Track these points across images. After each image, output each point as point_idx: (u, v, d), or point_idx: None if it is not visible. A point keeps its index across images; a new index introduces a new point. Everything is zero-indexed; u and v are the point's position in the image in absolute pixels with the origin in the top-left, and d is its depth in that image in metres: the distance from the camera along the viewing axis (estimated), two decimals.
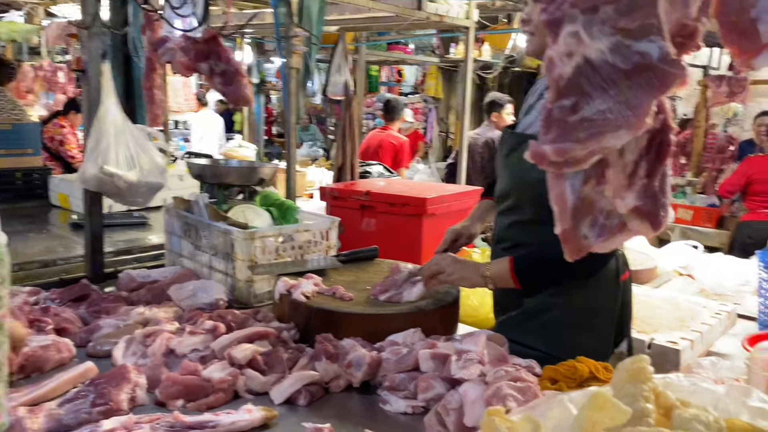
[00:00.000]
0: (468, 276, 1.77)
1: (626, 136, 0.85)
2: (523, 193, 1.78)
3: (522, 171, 1.70)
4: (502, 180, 1.91)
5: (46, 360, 1.58)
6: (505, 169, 1.86)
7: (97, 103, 2.17)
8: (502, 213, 1.91)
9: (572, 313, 1.75)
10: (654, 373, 0.81)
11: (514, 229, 1.84)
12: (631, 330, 1.94)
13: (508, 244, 1.85)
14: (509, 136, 1.90)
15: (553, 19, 0.88)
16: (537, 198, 1.63)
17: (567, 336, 1.75)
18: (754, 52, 0.82)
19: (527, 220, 1.79)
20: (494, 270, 1.74)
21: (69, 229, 3.40)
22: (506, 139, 1.91)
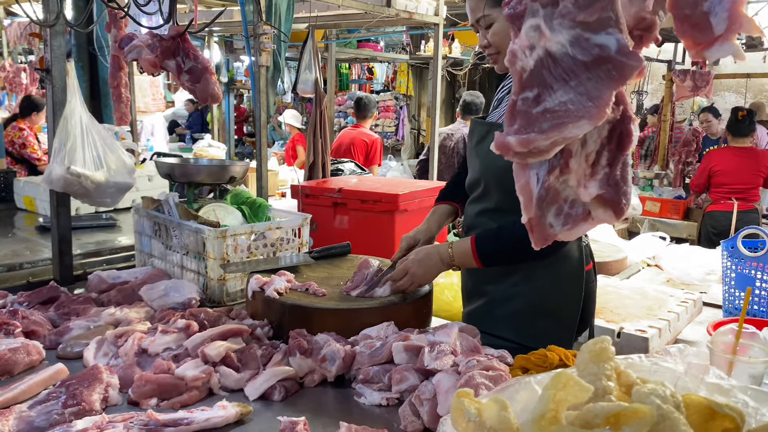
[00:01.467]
0: (431, 268, 1.82)
1: (587, 126, 0.87)
2: (492, 181, 1.83)
3: (490, 159, 1.75)
4: (472, 169, 1.94)
5: (15, 363, 1.56)
6: (475, 158, 1.90)
7: (63, 102, 2.14)
8: (471, 202, 1.95)
9: (537, 301, 1.81)
10: (614, 352, 0.83)
11: (483, 216, 1.88)
12: (594, 320, 1.99)
13: (476, 231, 1.88)
14: (478, 125, 1.94)
15: (515, 13, 0.91)
16: (504, 186, 1.73)
17: (532, 324, 1.81)
18: (707, 44, 0.85)
19: (495, 208, 1.84)
20: (456, 249, 1.79)
21: (35, 232, 3.34)
22: (475, 129, 1.95)
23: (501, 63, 1.79)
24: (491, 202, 1.86)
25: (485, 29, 1.78)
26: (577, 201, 0.97)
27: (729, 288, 2.67)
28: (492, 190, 1.85)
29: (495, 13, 1.73)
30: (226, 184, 2.46)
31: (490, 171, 1.82)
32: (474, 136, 1.93)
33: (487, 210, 1.87)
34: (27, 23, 8.25)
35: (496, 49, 1.78)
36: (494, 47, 1.78)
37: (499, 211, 1.83)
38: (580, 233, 1.01)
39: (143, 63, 1.90)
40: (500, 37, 1.75)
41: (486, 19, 1.76)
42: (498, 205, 1.83)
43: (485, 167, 1.84)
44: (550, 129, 0.87)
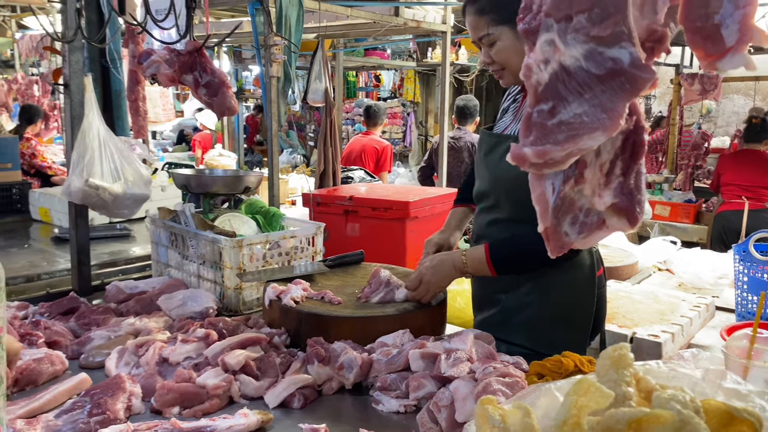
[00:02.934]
0: (445, 275, 1.83)
1: (602, 137, 0.89)
2: (502, 192, 1.84)
3: (501, 170, 1.78)
4: (481, 180, 1.95)
5: (39, 373, 1.59)
6: (485, 168, 1.91)
7: (80, 116, 2.18)
8: (481, 211, 1.97)
9: (551, 308, 1.82)
10: (634, 359, 0.85)
11: (493, 226, 1.89)
12: (604, 325, 2.00)
13: (487, 240, 1.89)
14: (487, 136, 1.95)
15: (530, 28, 0.93)
16: (515, 196, 1.76)
17: (546, 331, 1.82)
18: (719, 56, 0.87)
19: (506, 218, 1.85)
20: (470, 256, 1.80)
21: (51, 242, 3.39)
22: (484, 139, 1.96)
23: (507, 78, 1.81)
24: (502, 212, 1.87)
25: (488, 47, 1.77)
26: (592, 210, 0.99)
27: (741, 292, 2.67)
28: (502, 201, 1.86)
29: (498, 31, 1.73)
30: (241, 194, 2.49)
31: (500, 181, 1.83)
32: (483, 146, 1.94)
33: (498, 220, 1.88)
34: (39, 36, 8.36)
35: (501, 66, 1.78)
36: (498, 64, 1.78)
37: (510, 221, 1.83)
38: (596, 241, 1.03)
39: (161, 78, 1.94)
40: (505, 55, 1.75)
41: (488, 38, 1.76)
42: (510, 215, 1.84)
43: (495, 178, 1.85)
44: (565, 140, 0.89)
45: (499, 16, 1.71)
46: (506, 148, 1.80)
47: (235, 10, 5.47)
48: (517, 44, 1.70)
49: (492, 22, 1.73)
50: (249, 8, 3.54)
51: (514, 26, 1.68)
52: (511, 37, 1.72)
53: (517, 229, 1.79)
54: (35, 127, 6.26)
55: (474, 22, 1.77)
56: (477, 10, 1.75)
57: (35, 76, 9.11)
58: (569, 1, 0.90)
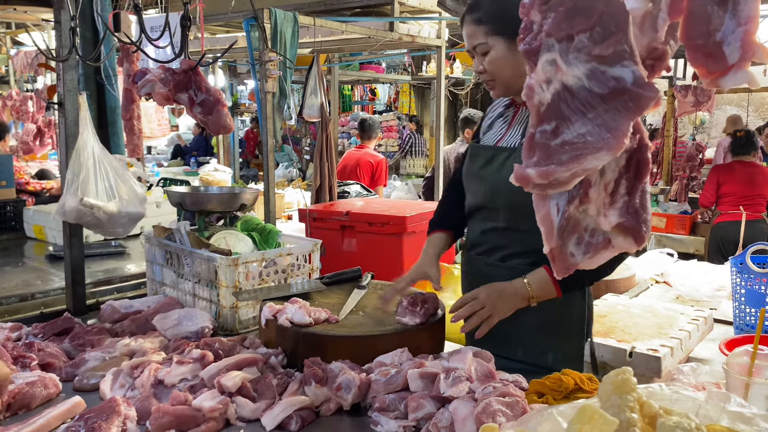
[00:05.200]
0: (511, 304, 1.77)
1: (606, 157, 0.88)
2: (501, 202, 1.86)
3: (501, 181, 1.79)
4: (474, 193, 1.97)
5: (32, 397, 1.56)
6: (480, 181, 1.93)
7: (75, 135, 2.16)
8: (477, 220, 1.99)
9: (543, 319, 1.83)
10: (636, 383, 0.84)
11: (490, 234, 1.92)
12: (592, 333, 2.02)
13: (483, 248, 1.95)
14: (481, 150, 1.96)
15: (531, 48, 0.92)
16: (515, 205, 1.80)
17: (539, 342, 1.85)
18: (721, 73, 0.87)
19: (504, 227, 1.88)
20: (535, 285, 1.77)
21: (45, 261, 3.36)
22: (478, 152, 1.97)
23: (497, 89, 1.86)
24: (500, 221, 1.89)
25: (481, 56, 1.82)
26: (598, 230, 0.98)
27: (739, 304, 2.66)
28: (501, 210, 1.88)
29: (492, 41, 1.78)
30: (237, 211, 2.48)
31: (500, 192, 1.85)
32: (478, 159, 1.95)
33: (496, 228, 1.91)
34: (34, 53, 8.35)
35: (492, 77, 1.83)
36: (489, 74, 1.83)
37: (508, 230, 1.87)
38: (602, 261, 1.02)
39: (156, 97, 1.93)
40: (497, 66, 1.81)
41: (482, 47, 1.80)
42: (507, 224, 1.87)
43: (495, 189, 1.86)
44: (569, 161, 0.88)
45: (496, 27, 1.77)
46: (504, 159, 1.86)
47: (229, 26, 5.49)
48: (509, 57, 1.77)
49: (488, 32, 1.78)
50: (244, 24, 3.54)
51: (509, 39, 1.75)
52: (504, 48, 1.78)
53: (513, 237, 1.85)
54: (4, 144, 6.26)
55: (471, 30, 1.81)
56: (475, 19, 1.80)
57: (30, 92, 9.09)
58: (570, 21, 0.89)
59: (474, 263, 2.02)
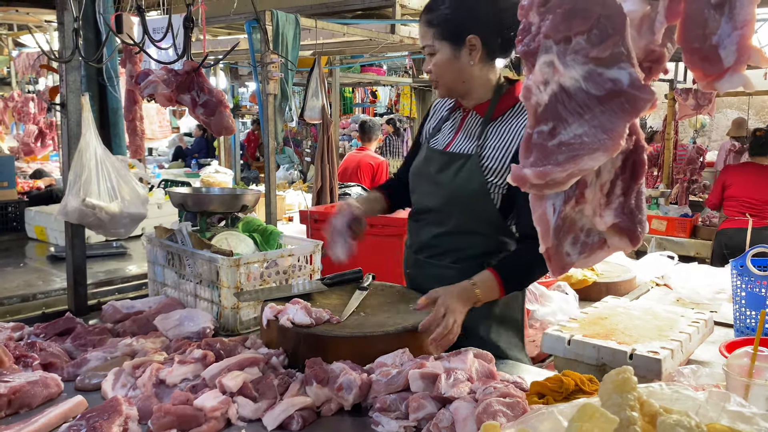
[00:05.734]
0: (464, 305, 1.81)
1: (603, 158, 0.89)
2: (456, 207, 1.94)
3: (456, 187, 1.90)
4: (426, 195, 2.03)
5: (34, 396, 1.57)
6: (434, 185, 1.99)
7: (77, 136, 2.17)
8: (426, 224, 2.04)
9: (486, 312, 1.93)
10: (637, 382, 0.84)
11: (441, 238, 2.00)
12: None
13: (434, 251, 2.03)
14: (439, 154, 2.02)
15: (529, 50, 0.93)
16: (469, 210, 1.91)
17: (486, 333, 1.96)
18: (717, 76, 0.88)
19: (455, 231, 1.97)
20: (482, 287, 1.82)
21: (47, 261, 3.38)
22: (434, 156, 2.03)
23: (440, 90, 1.97)
24: (451, 226, 1.97)
25: (429, 56, 1.91)
26: (593, 230, 0.99)
27: (740, 307, 2.66)
28: (454, 215, 1.95)
29: (438, 45, 1.88)
30: (238, 212, 2.49)
31: (455, 198, 1.93)
32: (433, 163, 2.01)
33: (448, 233, 1.98)
34: (36, 54, 8.38)
35: (436, 78, 1.93)
36: (434, 75, 1.93)
37: (460, 234, 1.96)
38: (597, 261, 1.03)
39: (159, 98, 1.94)
40: (440, 69, 1.90)
41: (429, 48, 1.90)
42: (460, 228, 1.95)
43: (449, 194, 1.94)
44: (565, 161, 0.89)
45: (443, 32, 1.87)
46: (460, 165, 1.93)
47: (231, 28, 5.51)
48: (453, 62, 1.88)
49: (436, 35, 1.88)
50: (246, 26, 3.56)
51: (454, 45, 1.86)
52: (448, 54, 1.88)
53: (463, 241, 1.95)
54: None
55: (422, 31, 1.92)
56: (426, 21, 1.90)
57: (32, 94, 9.11)
58: (568, 23, 0.90)
59: (425, 266, 2.08)
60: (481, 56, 1.88)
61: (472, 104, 1.99)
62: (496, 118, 1.95)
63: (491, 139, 1.93)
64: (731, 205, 5.67)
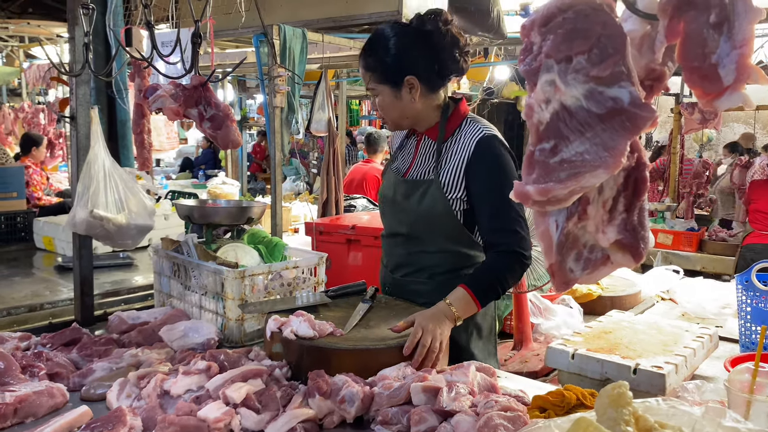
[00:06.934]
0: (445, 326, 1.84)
1: (604, 175, 0.91)
2: (426, 228, 2.02)
3: (424, 210, 2.00)
4: (395, 219, 2.12)
5: (40, 405, 1.58)
6: (402, 212, 2.08)
7: (86, 148, 2.20)
8: (399, 244, 2.12)
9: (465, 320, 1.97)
10: (636, 398, 0.85)
11: (414, 257, 2.08)
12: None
13: (410, 269, 2.11)
14: (402, 182, 2.10)
15: (531, 69, 0.95)
16: (439, 230, 2.00)
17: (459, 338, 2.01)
18: (717, 95, 0.89)
19: (427, 251, 2.05)
20: (458, 305, 1.87)
21: (54, 271, 3.40)
22: (398, 184, 2.11)
23: (389, 125, 2.09)
24: (421, 246, 2.05)
25: (374, 97, 2.03)
26: (597, 246, 1.00)
27: (745, 322, 2.65)
28: (423, 237, 2.04)
29: (378, 88, 1.98)
30: (244, 225, 2.50)
31: (421, 221, 2.02)
32: (399, 190, 2.10)
33: (418, 252, 2.07)
34: (47, 66, 8.46)
35: (383, 115, 2.05)
36: (381, 112, 2.04)
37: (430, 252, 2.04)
38: (601, 277, 1.04)
39: (167, 112, 1.97)
40: (384, 107, 2.01)
41: (372, 91, 2.01)
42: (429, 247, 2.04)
43: (416, 218, 2.03)
44: (567, 178, 0.90)
45: (380, 77, 1.97)
46: (423, 192, 2.01)
47: (239, 41, 5.56)
48: (394, 102, 1.98)
49: (374, 79, 1.98)
50: (254, 40, 3.60)
51: (394, 87, 1.96)
52: (389, 95, 1.98)
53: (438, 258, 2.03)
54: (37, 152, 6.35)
55: (362, 73, 2.03)
56: (364, 65, 2.01)
57: (41, 105, 9.21)
58: (569, 43, 0.92)
59: (403, 285, 2.14)
60: (421, 92, 1.98)
61: (423, 129, 2.09)
62: (447, 138, 2.04)
63: (446, 159, 2.01)
64: (757, 219, 5.65)
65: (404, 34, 1.95)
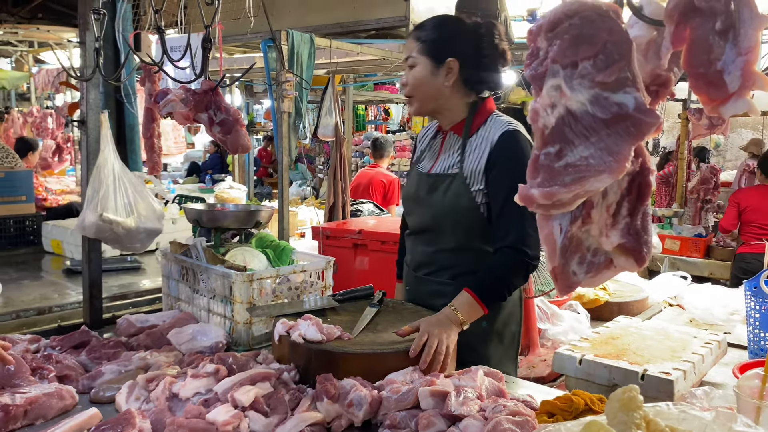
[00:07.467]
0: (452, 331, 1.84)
1: (608, 179, 0.91)
2: (448, 225, 2.03)
3: (446, 206, 2.01)
4: (420, 216, 2.13)
5: (49, 407, 1.59)
6: (426, 207, 2.08)
7: (96, 152, 2.22)
8: (423, 242, 2.13)
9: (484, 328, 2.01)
10: (643, 401, 0.85)
11: (437, 255, 2.09)
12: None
13: (431, 269, 2.11)
14: (425, 177, 2.11)
15: (537, 74, 0.96)
16: (461, 227, 2.01)
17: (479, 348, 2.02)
18: (722, 101, 0.90)
19: (450, 248, 2.05)
20: (463, 309, 1.88)
21: (63, 275, 3.42)
22: (422, 179, 2.12)
23: (413, 106, 2.08)
24: (445, 243, 2.06)
25: (409, 69, 2.03)
26: (600, 250, 1.00)
27: (753, 329, 2.64)
28: (447, 232, 2.04)
29: (419, 59, 2.00)
30: (252, 228, 2.52)
31: (446, 216, 2.02)
32: (422, 186, 2.11)
33: (441, 250, 2.07)
34: (56, 71, 8.53)
35: (411, 92, 2.04)
36: (410, 88, 2.03)
37: (453, 250, 2.04)
38: (604, 280, 1.04)
39: (177, 116, 1.99)
40: (417, 82, 2.01)
41: (411, 60, 2.02)
42: (453, 244, 2.04)
43: (440, 213, 2.03)
44: (572, 182, 0.91)
45: (427, 48, 1.99)
46: (447, 185, 2.03)
47: (247, 47, 5.58)
48: (429, 78, 2.00)
49: (419, 50, 2.00)
50: (262, 45, 3.62)
51: (433, 62, 1.98)
52: (427, 68, 1.99)
53: (461, 256, 2.03)
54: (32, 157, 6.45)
55: (409, 43, 2.05)
56: (415, 36, 2.04)
57: (50, 109, 9.27)
58: (575, 48, 0.93)
59: (423, 283, 2.14)
60: (456, 81, 2.01)
61: (448, 125, 2.12)
62: (473, 134, 2.06)
63: (470, 153, 2.03)
64: (749, 230, 5.62)
65: (462, 25, 2.03)
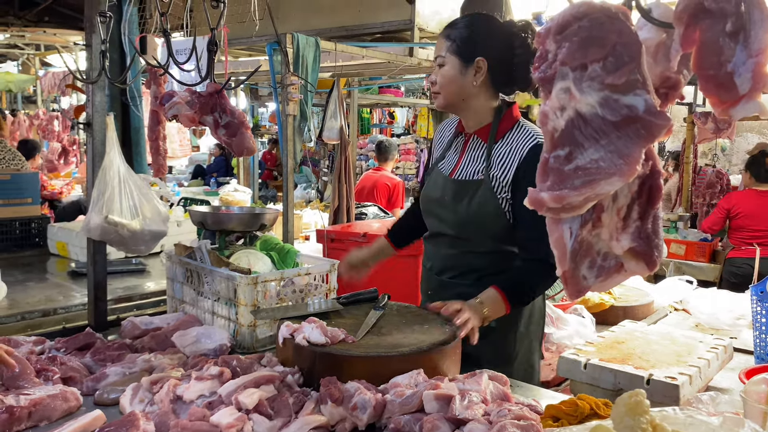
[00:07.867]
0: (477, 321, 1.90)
1: (619, 182, 0.91)
2: (475, 231, 2.05)
3: (472, 212, 2.03)
4: (442, 221, 2.13)
5: (54, 409, 1.59)
6: (451, 212, 2.09)
7: (102, 155, 2.22)
8: (443, 246, 2.15)
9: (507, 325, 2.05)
10: (649, 405, 0.85)
11: (462, 258, 2.11)
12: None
13: (456, 272, 2.13)
14: (450, 182, 2.12)
15: (546, 76, 0.95)
16: (489, 232, 2.03)
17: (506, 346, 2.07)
18: (732, 103, 0.89)
19: (476, 251, 2.07)
20: (489, 304, 1.92)
21: (68, 277, 3.42)
22: (447, 184, 2.12)
23: (438, 101, 2.09)
24: (470, 247, 2.08)
25: (438, 67, 2.05)
26: (610, 254, 1.00)
27: (760, 333, 2.63)
28: (472, 238, 2.06)
29: (449, 58, 2.02)
30: (257, 231, 2.52)
31: (472, 223, 2.03)
32: (447, 191, 2.11)
33: (466, 252, 2.10)
34: (62, 74, 8.56)
35: (439, 89, 2.06)
36: (438, 86, 2.05)
37: (478, 254, 2.07)
38: (614, 285, 1.04)
39: (183, 119, 1.99)
40: (445, 80, 2.03)
41: (441, 59, 2.04)
42: (478, 248, 2.07)
43: (467, 220, 2.04)
44: (582, 186, 0.91)
45: (457, 47, 2.01)
46: (473, 192, 2.04)
47: (252, 50, 5.59)
48: (456, 76, 2.01)
49: (450, 49, 2.02)
50: (267, 48, 3.63)
51: (463, 61, 2.00)
52: (456, 67, 2.01)
53: (485, 259, 2.06)
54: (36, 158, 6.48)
55: (440, 42, 2.07)
56: (446, 34, 2.05)
57: (56, 112, 9.31)
58: (584, 51, 0.92)
59: (448, 287, 2.14)
60: (484, 80, 2.02)
61: (472, 128, 2.12)
62: (498, 140, 2.06)
63: (496, 160, 2.04)
64: (739, 235, 5.61)
65: (493, 24, 2.05)
